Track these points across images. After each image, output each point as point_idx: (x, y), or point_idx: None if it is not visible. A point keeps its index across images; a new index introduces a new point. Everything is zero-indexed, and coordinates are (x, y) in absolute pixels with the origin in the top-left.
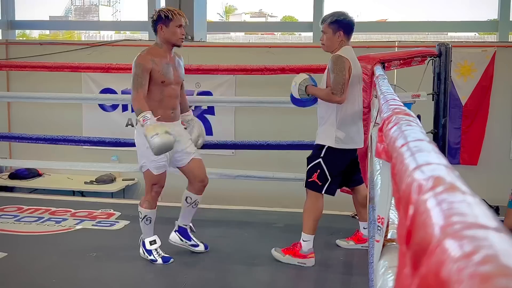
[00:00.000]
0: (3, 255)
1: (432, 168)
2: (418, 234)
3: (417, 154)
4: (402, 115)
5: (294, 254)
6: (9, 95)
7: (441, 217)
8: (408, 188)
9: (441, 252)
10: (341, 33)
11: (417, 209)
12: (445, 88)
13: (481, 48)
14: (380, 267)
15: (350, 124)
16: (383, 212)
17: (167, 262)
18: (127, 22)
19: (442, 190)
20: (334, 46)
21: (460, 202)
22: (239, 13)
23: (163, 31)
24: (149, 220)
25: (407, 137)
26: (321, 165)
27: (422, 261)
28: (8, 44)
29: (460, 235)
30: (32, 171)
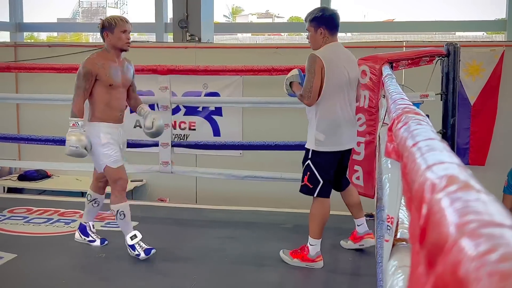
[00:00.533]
0: (12, 256)
1: (445, 167)
2: (432, 233)
3: (429, 153)
4: (412, 114)
5: (302, 258)
6: (18, 97)
7: (457, 216)
8: (421, 187)
9: (458, 250)
10: (323, 30)
11: (431, 208)
12: (454, 88)
13: (490, 48)
14: (389, 267)
15: (331, 126)
16: (392, 211)
17: (148, 254)
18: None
19: (456, 189)
20: (318, 44)
21: (475, 201)
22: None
23: (109, 38)
24: (123, 215)
25: (418, 136)
26: (310, 167)
27: (438, 260)
28: (17, 46)
29: (476, 233)
30: (41, 172)
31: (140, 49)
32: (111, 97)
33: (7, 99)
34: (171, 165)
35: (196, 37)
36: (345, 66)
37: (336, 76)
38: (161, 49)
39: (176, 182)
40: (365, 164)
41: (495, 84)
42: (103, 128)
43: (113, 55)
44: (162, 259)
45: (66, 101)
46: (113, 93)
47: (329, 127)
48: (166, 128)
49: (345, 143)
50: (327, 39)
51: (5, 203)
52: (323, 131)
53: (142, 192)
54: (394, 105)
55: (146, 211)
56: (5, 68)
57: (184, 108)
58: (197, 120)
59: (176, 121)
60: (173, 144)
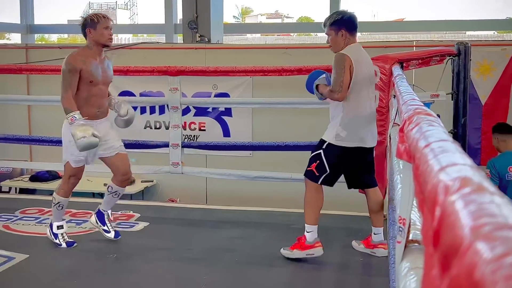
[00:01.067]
0: (24, 257)
1: (458, 169)
2: (447, 235)
3: (442, 154)
4: (423, 115)
5: (301, 247)
6: (29, 98)
7: (471, 218)
8: (434, 189)
9: (473, 253)
10: (344, 31)
11: (445, 211)
12: (465, 88)
13: (500, 47)
14: (402, 269)
15: (355, 124)
16: (404, 213)
17: (70, 246)
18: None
19: (470, 191)
20: (340, 45)
21: (489, 203)
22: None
23: (92, 34)
24: (61, 207)
25: (430, 137)
26: (321, 156)
27: (453, 263)
28: (28, 48)
29: (492, 236)
30: (52, 173)
31: (150, 50)
32: (89, 93)
33: (18, 101)
34: (181, 166)
35: (206, 38)
36: (367, 65)
37: (361, 74)
38: (171, 50)
39: (186, 183)
40: (375, 165)
41: (506, 83)
42: None
43: (94, 52)
44: (173, 259)
45: None
46: (93, 90)
47: (353, 124)
48: (176, 129)
49: (366, 141)
50: (348, 40)
51: (17, 204)
52: (346, 127)
53: (152, 193)
54: (405, 105)
55: (157, 212)
56: (16, 70)
57: (194, 109)
58: (207, 121)
59: (186, 122)
60: (183, 145)
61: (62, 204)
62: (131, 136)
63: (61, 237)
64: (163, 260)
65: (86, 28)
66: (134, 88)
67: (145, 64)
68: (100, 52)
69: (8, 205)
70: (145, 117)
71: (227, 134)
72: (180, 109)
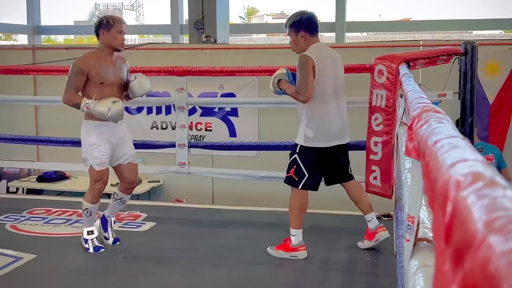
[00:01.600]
0: (32, 257)
1: (470, 164)
2: (459, 230)
3: (452, 150)
4: (432, 113)
5: (286, 248)
6: (36, 99)
7: (484, 212)
8: (445, 185)
9: (487, 247)
10: (303, 32)
11: (457, 206)
12: (472, 87)
13: (508, 46)
14: (411, 267)
15: (320, 123)
16: (413, 211)
17: (97, 251)
18: (150, 26)
19: (483, 186)
20: (301, 46)
21: (502, 197)
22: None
23: (105, 36)
24: (89, 213)
25: (440, 134)
26: (297, 161)
27: (466, 257)
28: (35, 49)
29: (506, 229)
30: (59, 173)
31: (156, 50)
32: (102, 95)
33: (25, 101)
34: (188, 166)
35: (212, 38)
36: (332, 64)
37: (325, 74)
38: (177, 50)
39: (193, 183)
40: (382, 164)
41: None
42: (94, 127)
43: (105, 54)
44: (180, 259)
45: None
46: (105, 91)
47: (318, 124)
48: (183, 129)
49: (333, 140)
50: (309, 41)
51: (24, 204)
52: (312, 127)
53: (159, 193)
54: (413, 104)
55: (164, 212)
56: (23, 70)
57: (200, 109)
58: (213, 121)
59: (192, 122)
60: (189, 145)
61: (90, 210)
62: (138, 136)
63: (90, 242)
64: (170, 260)
65: (100, 29)
66: None
67: (151, 64)
68: (111, 53)
69: (16, 206)
70: (151, 117)
71: (233, 134)
72: (187, 109)
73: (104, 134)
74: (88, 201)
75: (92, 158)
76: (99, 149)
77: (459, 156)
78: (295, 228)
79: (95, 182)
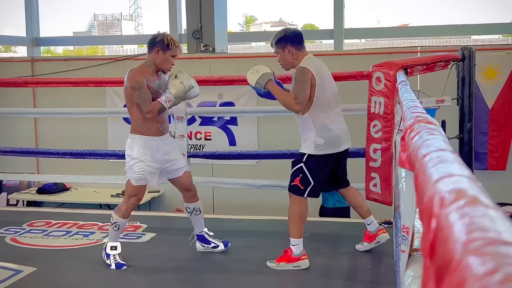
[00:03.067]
0: (32, 270)
1: (454, 180)
2: (441, 249)
3: (439, 165)
4: (424, 124)
5: (288, 259)
6: (36, 111)
7: (463, 233)
8: (430, 200)
9: (463, 269)
10: (290, 47)
11: (440, 223)
12: (470, 92)
13: (506, 51)
14: (406, 278)
15: (328, 129)
16: (407, 221)
17: (119, 268)
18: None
19: (464, 204)
20: (290, 62)
21: (482, 216)
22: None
23: (158, 55)
24: (117, 227)
25: (430, 146)
26: (303, 169)
27: (445, 277)
28: (34, 61)
29: (482, 251)
30: (59, 185)
31: None
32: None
33: (25, 114)
34: None
35: (210, 47)
36: (327, 72)
37: (325, 82)
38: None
39: None
40: (382, 171)
41: None
42: (139, 142)
43: (152, 70)
44: (180, 269)
45: (83, 114)
46: None
47: (328, 132)
48: (181, 139)
49: (342, 145)
50: (297, 55)
51: (24, 217)
52: (322, 135)
53: (159, 203)
54: (408, 112)
55: (164, 222)
56: (22, 83)
57: (200, 119)
58: (213, 130)
59: (192, 132)
60: (189, 155)
61: (119, 225)
62: None
63: (112, 258)
64: (171, 271)
65: (156, 46)
66: None
67: None
68: (156, 71)
69: (16, 218)
70: None
71: (233, 143)
72: (186, 119)
73: (148, 149)
74: (119, 215)
75: (132, 173)
76: (139, 165)
77: (445, 171)
78: (296, 238)
79: (130, 197)
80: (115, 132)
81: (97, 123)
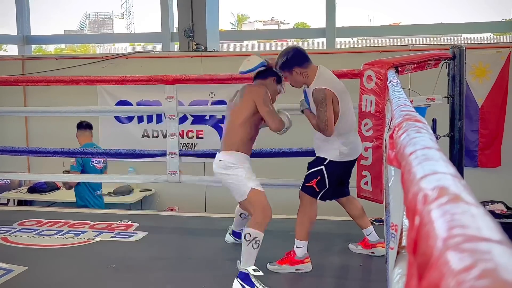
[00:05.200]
0: (23, 269)
1: (438, 178)
2: (422, 245)
3: (424, 162)
4: (412, 122)
5: (291, 262)
6: (26, 110)
7: (444, 229)
8: (414, 198)
9: (441, 264)
10: (297, 69)
11: (422, 220)
12: (460, 91)
13: (496, 49)
14: (394, 275)
15: (350, 136)
16: (396, 219)
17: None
18: (141, 34)
19: (446, 201)
20: (302, 81)
21: (463, 213)
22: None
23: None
24: (257, 244)
25: (416, 145)
26: (323, 172)
27: (425, 273)
28: (24, 59)
29: (460, 248)
30: (50, 184)
31: (146, 59)
32: (256, 132)
33: (15, 113)
34: (179, 174)
35: (202, 46)
36: (339, 81)
37: (344, 94)
38: (167, 59)
39: (185, 191)
40: (373, 169)
41: (502, 85)
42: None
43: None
44: (172, 268)
45: (74, 113)
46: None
47: (350, 139)
48: (173, 138)
49: (359, 151)
50: (307, 73)
51: (15, 216)
52: (346, 144)
53: (151, 202)
54: (397, 111)
55: (156, 221)
56: (12, 81)
57: (192, 117)
58: (205, 128)
59: (183, 130)
60: (180, 154)
61: (258, 241)
62: (129, 146)
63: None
64: (163, 270)
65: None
66: (131, 97)
67: (142, 73)
68: None
69: (6, 217)
70: (142, 126)
71: None
72: (177, 117)
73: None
74: (259, 229)
75: (253, 181)
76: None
77: (430, 169)
78: (303, 240)
79: (264, 207)
80: (106, 131)
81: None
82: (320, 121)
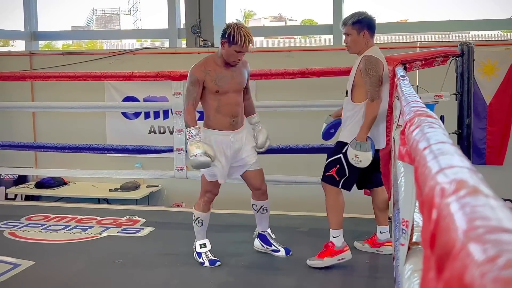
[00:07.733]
0: (30, 264)
1: (455, 171)
2: (441, 238)
3: (440, 157)
4: (424, 117)
5: (331, 253)
6: (34, 105)
7: (464, 221)
8: (431, 191)
9: (464, 256)
10: (366, 32)
11: (440, 213)
12: (469, 88)
13: (504, 46)
14: (405, 271)
15: (375, 124)
16: (407, 215)
17: (213, 265)
18: (148, 30)
19: (465, 194)
20: (361, 46)
21: (483, 206)
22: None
23: (223, 47)
24: (200, 223)
25: (430, 139)
26: (341, 160)
27: (446, 265)
28: (32, 55)
29: (483, 239)
30: (57, 180)
31: (153, 55)
32: (219, 103)
33: (23, 108)
34: (186, 170)
35: (209, 42)
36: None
37: (385, 79)
38: (174, 55)
39: (191, 187)
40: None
41: (510, 82)
42: (212, 137)
43: (222, 60)
44: (179, 264)
45: (81, 108)
46: (222, 99)
47: (375, 126)
48: (180, 134)
49: (382, 142)
50: (369, 42)
51: (22, 211)
52: (373, 130)
53: (157, 198)
54: (407, 107)
55: (162, 217)
56: (20, 77)
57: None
58: None
59: None
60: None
61: (201, 220)
62: (136, 142)
63: (204, 256)
64: (169, 266)
65: (223, 38)
66: (138, 93)
67: (149, 69)
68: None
69: (14, 212)
70: (149, 122)
71: None
72: None
73: (219, 145)
74: (199, 210)
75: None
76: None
77: (446, 163)
78: (337, 229)
79: (205, 192)
80: (113, 126)
81: (95, 117)
82: (373, 89)
